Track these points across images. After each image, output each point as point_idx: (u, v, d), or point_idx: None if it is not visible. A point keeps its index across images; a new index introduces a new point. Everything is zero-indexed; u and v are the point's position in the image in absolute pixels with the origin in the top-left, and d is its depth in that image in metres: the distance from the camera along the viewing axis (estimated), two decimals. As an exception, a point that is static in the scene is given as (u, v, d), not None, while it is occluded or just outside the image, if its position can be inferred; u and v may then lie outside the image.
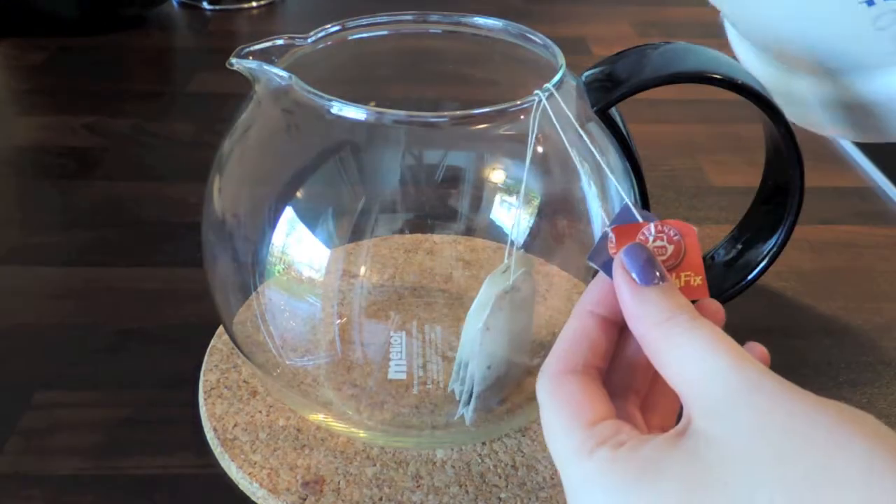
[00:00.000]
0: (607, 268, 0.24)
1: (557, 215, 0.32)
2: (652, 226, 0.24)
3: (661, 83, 0.33)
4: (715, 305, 0.25)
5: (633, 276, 0.23)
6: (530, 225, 0.31)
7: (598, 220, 0.32)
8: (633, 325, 0.23)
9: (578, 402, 0.22)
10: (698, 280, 0.24)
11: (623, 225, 0.24)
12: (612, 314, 0.24)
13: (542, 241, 0.31)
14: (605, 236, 0.24)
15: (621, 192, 0.25)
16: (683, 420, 0.21)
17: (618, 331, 0.24)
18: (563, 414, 0.22)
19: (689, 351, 0.21)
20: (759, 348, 0.24)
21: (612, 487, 0.20)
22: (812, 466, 0.18)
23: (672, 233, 0.24)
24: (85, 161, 0.61)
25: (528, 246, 0.31)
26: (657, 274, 0.22)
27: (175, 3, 0.92)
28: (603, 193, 0.32)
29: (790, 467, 0.18)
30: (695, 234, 0.24)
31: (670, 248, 0.24)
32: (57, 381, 0.41)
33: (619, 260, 0.23)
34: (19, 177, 0.60)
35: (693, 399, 0.21)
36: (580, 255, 0.32)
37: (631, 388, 0.25)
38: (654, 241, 0.24)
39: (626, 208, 0.24)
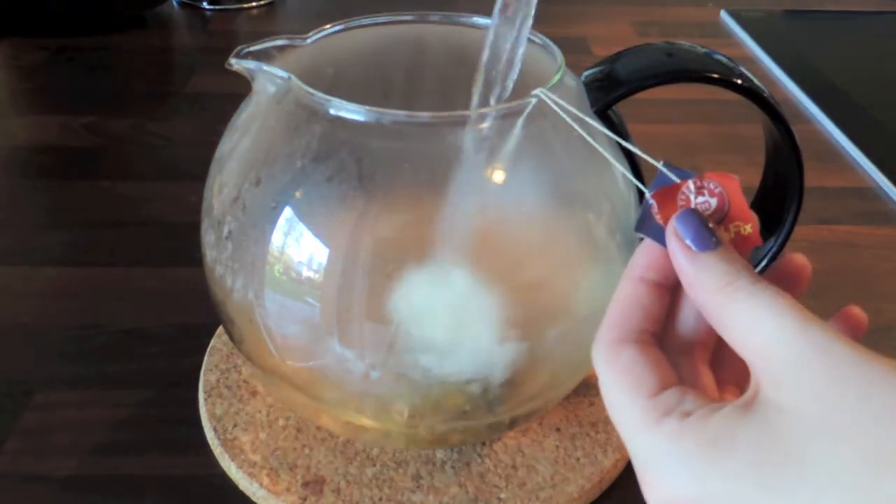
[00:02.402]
0: (656, 235, 0.23)
1: (556, 214, 0.32)
2: (691, 183, 0.23)
3: (660, 83, 0.33)
4: (800, 259, 0.24)
5: (688, 242, 0.22)
6: (530, 225, 0.31)
7: (599, 217, 0.32)
8: (692, 292, 0.22)
9: (638, 371, 0.22)
10: (748, 228, 0.23)
11: (662, 188, 0.24)
12: (664, 279, 0.24)
13: (542, 240, 0.31)
14: (647, 204, 0.24)
15: (653, 161, 0.25)
16: (752, 388, 0.20)
17: (670, 295, 0.24)
18: (623, 385, 0.22)
19: (752, 316, 0.20)
20: (857, 311, 0.23)
21: (684, 459, 0.20)
22: (891, 438, 0.17)
23: (712, 186, 0.23)
24: (85, 161, 0.61)
25: (528, 245, 0.31)
26: (712, 239, 0.22)
27: (175, 3, 0.92)
28: (603, 192, 0.32)
29: (868, 441, 0.18)
30: (737, 183, 0.23)
31: (714, 202, 0.23)
32: (57, 381, 0.41)
33: (672, 228, 0.22)
34: (19, 177, 0.60)
35: (760, 366, 0.20)
36: (580, 254, 0.32)
37: (696, 345, 0.24)
38: (696, 197, 0.23)
39: (662, 172, 0.24)
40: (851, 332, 0.24)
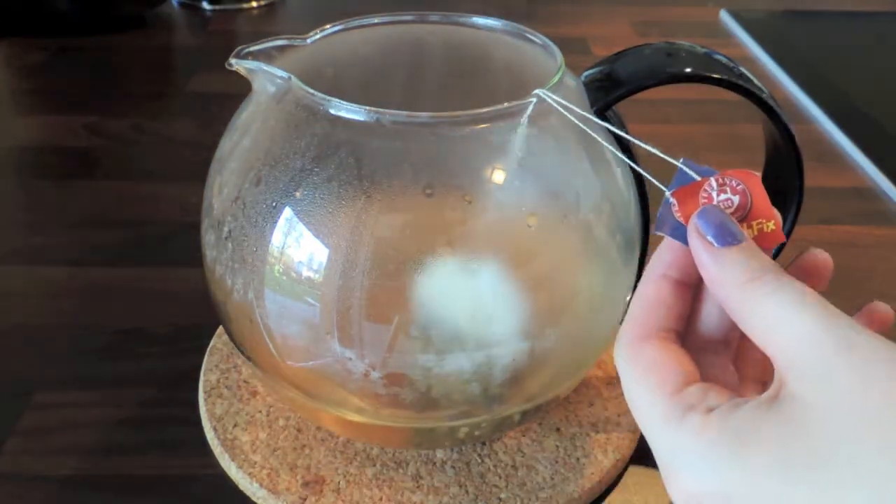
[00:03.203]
0: (677, 234, 0.23)
1: (556, 214, 0.32)
2: (713, 180, 0.23)
3: (661, 83, 0.33)
4: (822, 256, 0.25)
5: (710, 239, 0.22)
6: (529, 224, 0.31)
7: (599, 217, 0.32)
8: (715, 289, 0.22)
9: (660, 369, 0.22)
10: (771, 225, 0.23)
11: (682, 187, 0.23)
12: (686, 276, 0.24)
13: (542, 240, 0.31)
14: (666, 202, 0.23)
15: (672, 160, 0.25)
16: (776, 383, 0.20)
17: (692, 292, 0.24)
18: (646, 383, 0.22)
19: (776, 311, 0.20)
20: (882, 307, 0.24)
21: (708, 453, 0.20)
22: None
23: (734, 183, 0.23)
24: (85, 161, 0.61)
25: (528, 245, 0.31)
26: (735, 234, 0.22)
27: (175, 3, 0.92)
28: (603, 192, 0.32)
29: (894, 436, 0.18)
30: (758, 180, 0.23)
31: (736, 199, 0.23)
32: (57, 381, 0.41)
33: (694, 224, 0.22)
34: (19, 177, 0.61)
35: (785, 362, 0.20)
36: (580, 254, 0.32)
37: (718, 342, 0.24)
38: (718, 195, 0.23)
39: (682, 170, 0.24)
40: (877, 327, 0.24)
